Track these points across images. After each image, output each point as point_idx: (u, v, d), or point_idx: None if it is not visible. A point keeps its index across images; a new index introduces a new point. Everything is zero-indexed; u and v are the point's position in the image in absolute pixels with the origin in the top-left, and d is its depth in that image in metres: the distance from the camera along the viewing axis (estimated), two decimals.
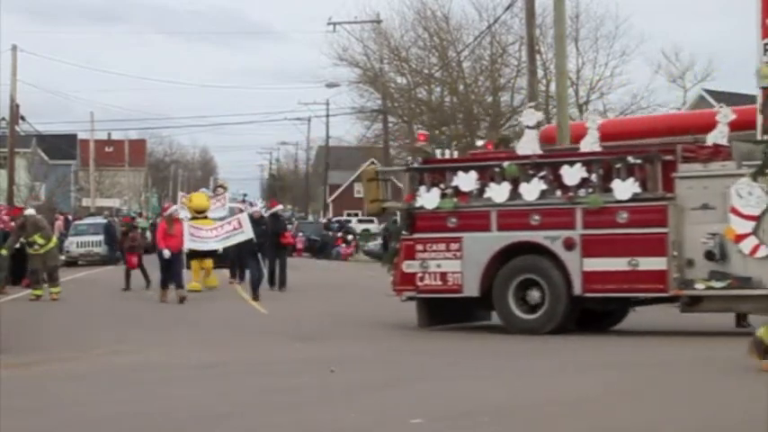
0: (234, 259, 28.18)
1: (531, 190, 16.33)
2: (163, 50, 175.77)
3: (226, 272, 28.85)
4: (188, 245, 24.42)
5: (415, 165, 17.61)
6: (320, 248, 56.88)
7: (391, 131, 59.95)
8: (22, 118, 55.33)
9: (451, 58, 57.75)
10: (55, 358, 14.56)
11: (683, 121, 19.53)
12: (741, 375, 11.26)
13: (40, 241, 24.03)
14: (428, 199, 17.02)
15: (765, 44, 16.80)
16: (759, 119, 16.48)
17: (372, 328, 18.58)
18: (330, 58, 66.07)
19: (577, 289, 15.90)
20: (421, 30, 59.69)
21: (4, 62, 56.30)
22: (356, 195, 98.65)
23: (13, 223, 27.44)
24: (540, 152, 16.68)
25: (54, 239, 25.16)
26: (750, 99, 19.55)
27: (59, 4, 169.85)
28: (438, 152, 18.47)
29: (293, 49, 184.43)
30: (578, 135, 20.89)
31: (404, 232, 17.65)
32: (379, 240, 53.92)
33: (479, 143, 18.94)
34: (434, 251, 16.89)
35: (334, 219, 76.78)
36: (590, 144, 16.45)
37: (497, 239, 16.51)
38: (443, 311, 17.51)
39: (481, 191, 16.74)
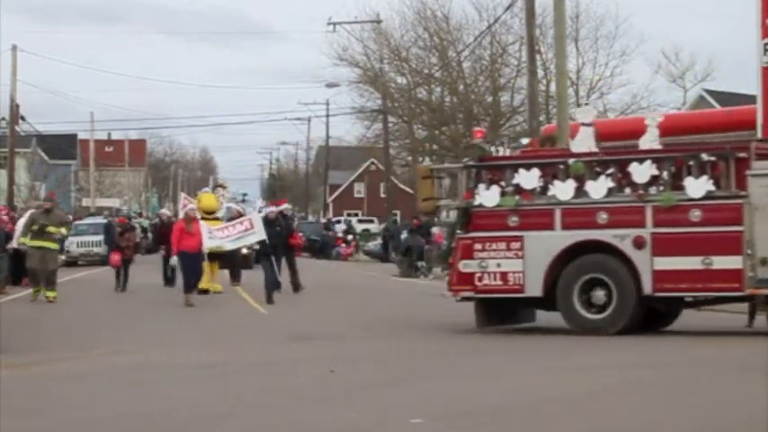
0: (234, 261, 27.98)
1: (599, 188, 16.02)
2: (163, 50, 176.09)
3: (226, 273, 28.80)
4: (207, 243, 23.63)
5: (472, 162, 17.23)
6: (320, 248, 56.93)
7: (391, 131, 59.97)
8: (22, 118, 55.38)
9: (451, 58, 57.78)
10: (55, 358, 14.54)
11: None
12: (742, 375, 11.25)
13: (64, 231, 23.89)
14: (488, 197, 16.60)
15: (765, 44, 16.82)
16: (760, 118, 16.49)
17: (372, 328, 18.57)
18: (330, 58, 66.28)
19: (647, 288, 15.63)
20: (421, 30, 59.78)
21: (4, 62, 56.39)
22: (356, 195, 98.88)
23: (13, 224, 27.40)
24: (596, 149, 16.38)
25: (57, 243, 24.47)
26: (750, 99, 19.54)
27: (59, 4, 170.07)
28: (492, 149, 17.96)
29: (293, 49, 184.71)
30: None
31: (458, 231, 17.13)
32: (379, 240, 54.01)
33: (524, 141, 18.29)
34: (494, 250, 16.46)
35: (335, 219, 76.69)
36: (649, 141, 16.12)
37: (562, 238, 16.16)
38: (500, 312, 17.14)
39: (544, 189, 16.39)
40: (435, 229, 39.08)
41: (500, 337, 16.74)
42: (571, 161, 16.23)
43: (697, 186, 15.50)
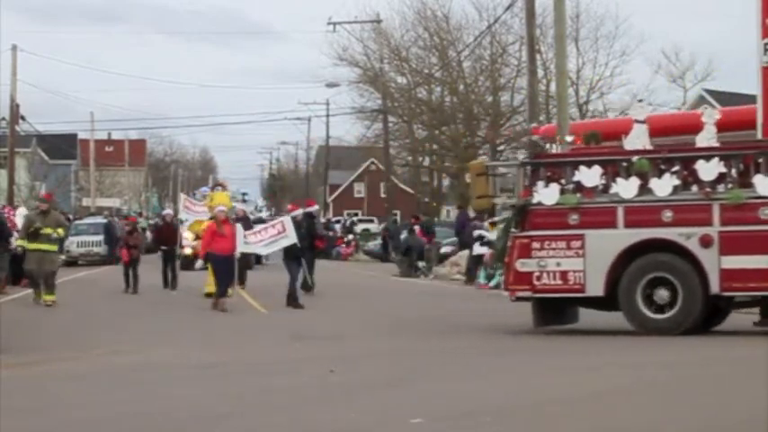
0: (243, 263, 27.05)
1: (664, 185, 15.72)
2: (163, 50, 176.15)
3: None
4: (242, 248, 22.81)
5: (528, 159, 16.80)
6: None
7: (391, 131, 59.99)
8: (22, 118, 55.39)
9: (451, 58, 57.82)
10: (55, 358, 14.54)
11: None
12: (747, 375, 11.24)
13: (61, 232, 23.19)
14: (547, 195, 16.22)
15: (765, 44, 16.80)
16: (760, 117, 16.48)
17: (372, 328, 18.58)
18: (330, 58, 66.41)
19: (714, 287, 15.38)
20: (421, 30, 59.84)
21: (4, 62, 56.39)
22: (356, 195, 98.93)
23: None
24: (650, 147, 16.09)
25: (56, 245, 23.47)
26: (750, 99, 19.53)
27: (59, 4, 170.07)
28: (548, 146, 17.59)
29: (293, 49, 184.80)
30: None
31: (513, 229, 16.77)
32: (379, 240, 53.98)
33: (569, 139, 17.74)
34: (553, 249, 16.09)
35: (334, 219, 76.67)
36: (707, 139, 15.85)
37: (625, 237, 15.82)
38: (554, 311, 16.77)
39: (606, 186, 16.09)
40: (416, 227, 39.16)
41: (505, 336, 16.72)
42: (635, 158, 15.91)
43: (767, 184, 15.31)
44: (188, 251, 32.07)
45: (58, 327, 19.36)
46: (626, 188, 15.92)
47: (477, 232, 31.63)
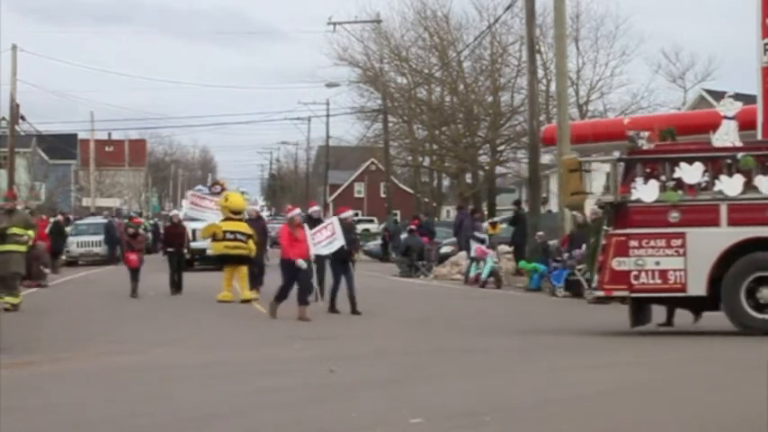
0: (256, 268, 25.87)
1: None
2: (164, 50, 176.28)
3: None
4: (313, 251, 21.74)
5: (625, 155, 16.32)
6: None
7: (391, 131, 59.95)
8: (22, 118, 55.39)
9: (451, 58, 57.79)
10: (55, 358, 14.54)
11: None
12: (743, 374, 11.25)
13: (31, 234, 21.78)
14: (646, 192, 15.84)
15: (765, 44, 16.85)
16: (760, 118, 16.51)
17: (372, 328, 18.59)
18: (330, 58, 66.25)
19: None
20: (421, 29, 59.78)
21: (4, 62, 56.40)
22: (356, 195, 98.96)
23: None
24: (739, 144, 15.85)
25: (24, 246, 21.76)
26: (750, 99, 19.55)
27: (59, 4, 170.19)
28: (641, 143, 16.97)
29: (294, 49, 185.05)
30: (578, 135, 20.86)
31: (605, 227, 16.43)
32: (379, 240, 53.94)
33: (644, 134, 16.73)
34: (652, 247, 15.69)
35: None
36: None
37: (729, 235, 15.53)
38: (646, 311, 16.52)
39: (708, 183, 15.76)
40: (412, 227, 39.21)
41: (505, 335, 16.72)
42: (740, 155, 15.61)
43: None
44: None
45: (58, 327, 19.36)
46: (730, 185, 15.62)
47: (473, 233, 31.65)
